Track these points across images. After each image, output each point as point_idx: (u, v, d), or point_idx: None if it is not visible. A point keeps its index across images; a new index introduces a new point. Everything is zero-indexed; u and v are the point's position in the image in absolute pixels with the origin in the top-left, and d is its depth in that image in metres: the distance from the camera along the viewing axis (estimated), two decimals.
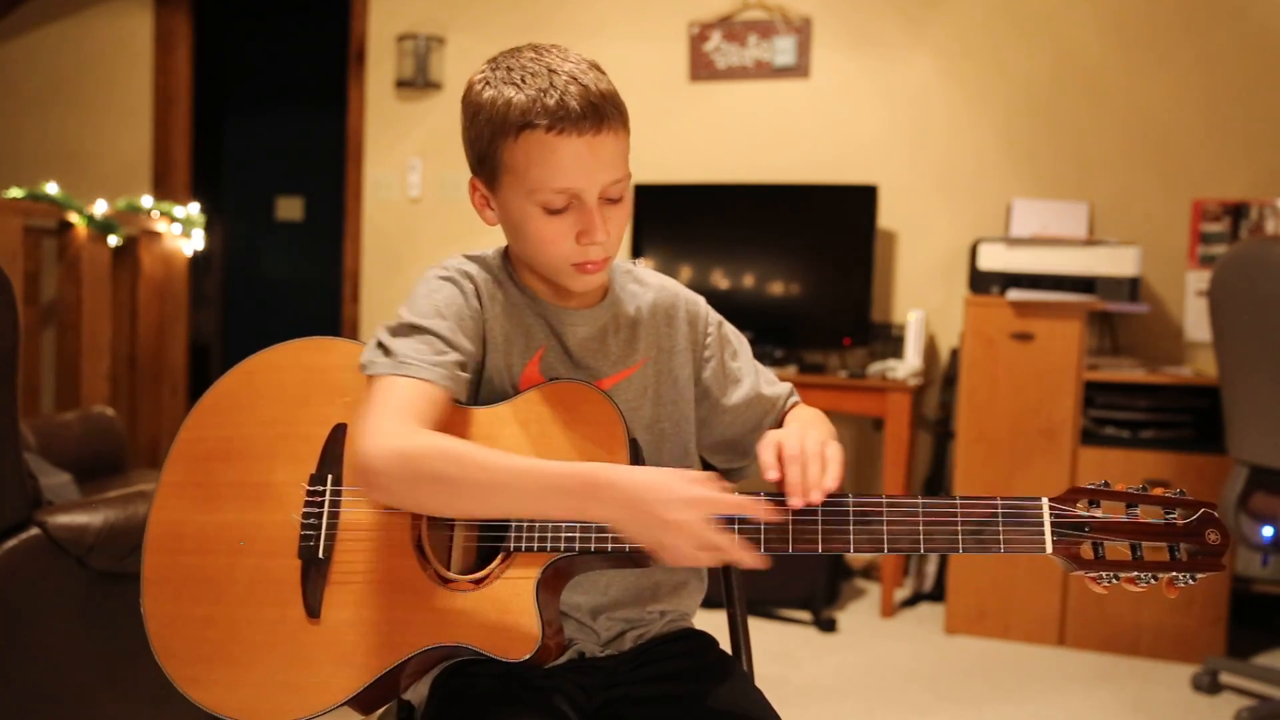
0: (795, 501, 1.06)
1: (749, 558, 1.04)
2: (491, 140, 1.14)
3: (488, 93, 1.14)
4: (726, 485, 1.05)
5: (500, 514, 1.08)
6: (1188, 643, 3.06)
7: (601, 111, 1.11)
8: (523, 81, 1.11)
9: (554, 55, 1.14)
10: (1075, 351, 3.15)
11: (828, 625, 3.27)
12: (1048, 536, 1.04)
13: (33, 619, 1.73)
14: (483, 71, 1.17)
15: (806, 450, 1.09)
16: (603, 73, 1.15)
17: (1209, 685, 2.83)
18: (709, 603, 1.33)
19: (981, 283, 3.31)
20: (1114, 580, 1.02)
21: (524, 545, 1.09)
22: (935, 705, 2.73)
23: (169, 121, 4.73)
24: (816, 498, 1.07)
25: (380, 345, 1.14)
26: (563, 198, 1.13)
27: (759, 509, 1.05)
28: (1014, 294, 3.20)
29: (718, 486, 1.03)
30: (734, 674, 1.25)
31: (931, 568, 3.57)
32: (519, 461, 1.06)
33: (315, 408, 1.17)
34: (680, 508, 1.01)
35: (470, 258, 1.24)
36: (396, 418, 1.07)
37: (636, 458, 1.13)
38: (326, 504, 1.14)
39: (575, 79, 1.11)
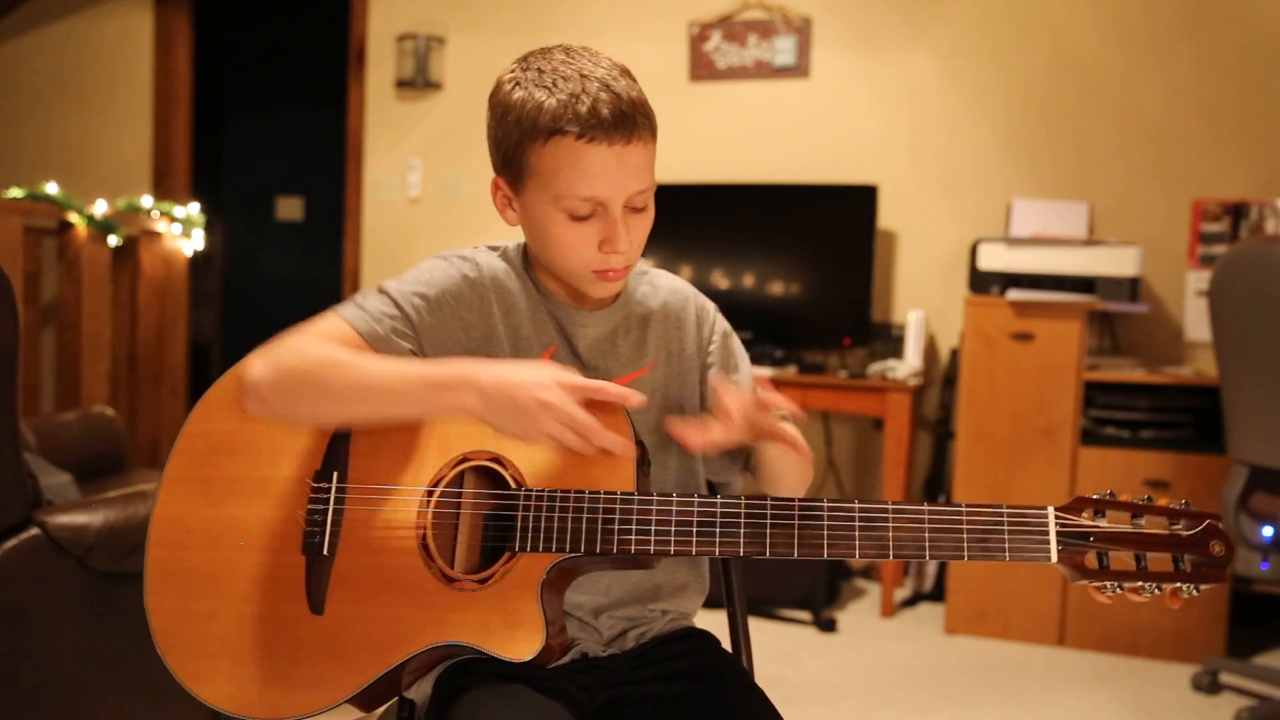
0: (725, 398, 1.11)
1: (613, 440, 1.06)
2: (519, 143, 1.13)
3: (517, 93, 1.13)
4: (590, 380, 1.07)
5: (374, 416, 1.10)
6: (1188, 643, 3.06)
7: (632, 121, 1.10)
8: (554, 85, 1.10)
9: (586, 59, 1.13)
10: (1075, 351, 3.15)
11: (828, 625, 3.27)
12: (1053, 546, 1.04)
13: (33, 619, 1.73)
14: (513, 70, 1.16)
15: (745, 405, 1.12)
16: (634, 79, 1.15)
17: (1209, 685, 2.83)
18: (709, 603, 1.33)
19: (981, 283, 3.31)
20: (1118, 590, 1.03)
21: (529, 545, 1.09)
22: (935, 705, 2.73)
23: (169, 121, 4.73)
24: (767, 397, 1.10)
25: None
26: (588, 205, 1.12)
27: (616, 391, 1.06)
28: (1014, 294, 3.20)
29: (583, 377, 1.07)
30: (735, 674, 1.25)
31: (931, 568, 3.57)
32: (394, 361, 1.10)
33: None
34: (545, 389, 1.03)
35: (492, 248, 1.25)
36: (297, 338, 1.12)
37: (643, 460, 1.13)
38: (331, 500, 1.14)
39: (608, 86, 1.10)
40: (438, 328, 1.18)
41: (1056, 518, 1.04)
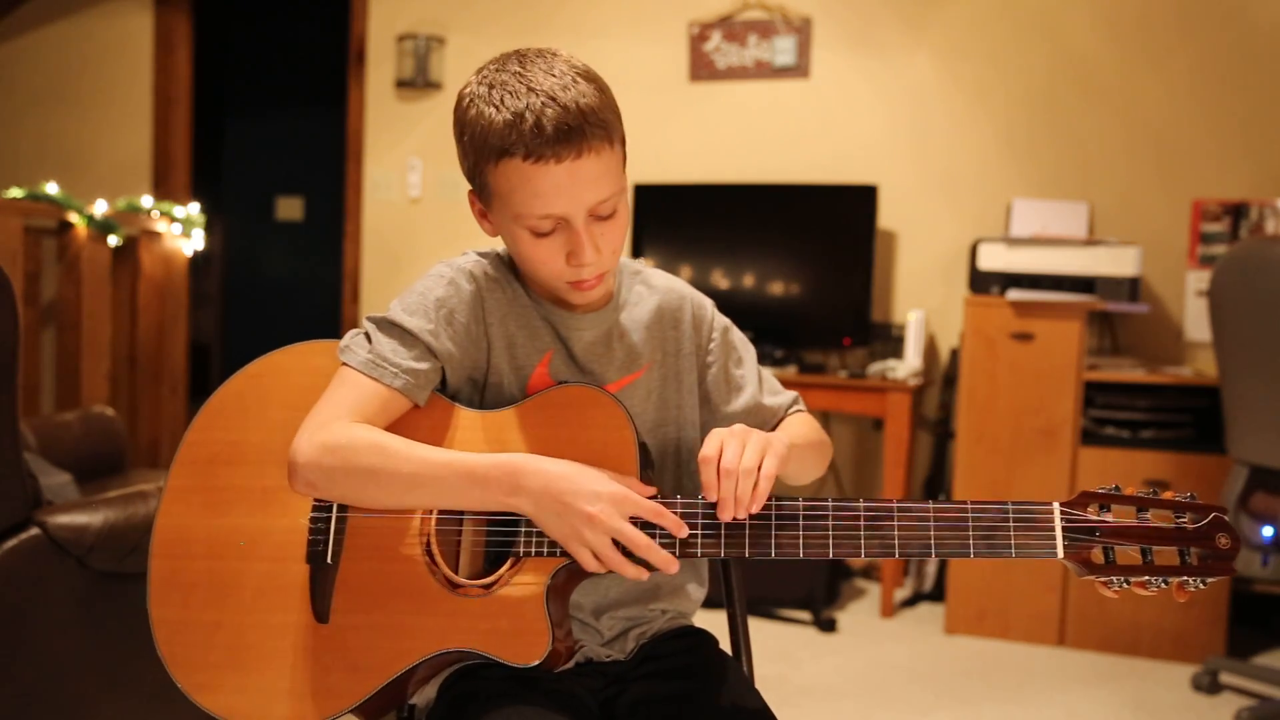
0: (725, 515, 1.06)
1: (662, 558, 1.04)
2: (477, 163, 1.12)
3: (472, 111, 1.11)
4: (643, 488, 1.07)
5: (421, 505, 1.10)
6: (1188, 643, 3.06)
7: (580, 133, 1.06)
8: (501, 102, 1.08)
9: (539, 69, 1.09)
10: (1075, 351, 3.15)
11: (828, 625, 3.27)
12: (1059, 541, 1.03)
13: (33, 619, 1.73)
14: (470, 85, 1.14)
15: (741, 466, 1.06)
16: (591, 81, 1.10)
17: (1209, 685, 2.83)
18: (709, 603, 1.33)
19: (981, 283, 3.30)
20: (1125, 584, 1.02)
21: (534, 550, 1.09)
22: (935, 705, 2.73)
23: (169, 121, 4.73)
24: (742, 514, 1.06)
25: (364, 335, 1.16)
26: (548, 222, 1.11)
27: (672, 521, 1.05)
28: (1014, 294, 3.20)
29: (635, 486, 1.06)
30: (732, 673, 1.25)
31: (931, 568, 3.57)
32: (442, 453, 1.09)
33: None
34: (596, 500, 1.03)
35: (483, 255, 1.24)
36: (341, 415, 1.10)
37: (646, 462, 1.13)
38: (335, 509, 1.13)
39: (554, 99, 1.06)
40: (453, 348, 1.17)
41: (1062, 513, 1.04)
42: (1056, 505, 1.04)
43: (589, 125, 1.07)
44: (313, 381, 1.18)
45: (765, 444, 1.09)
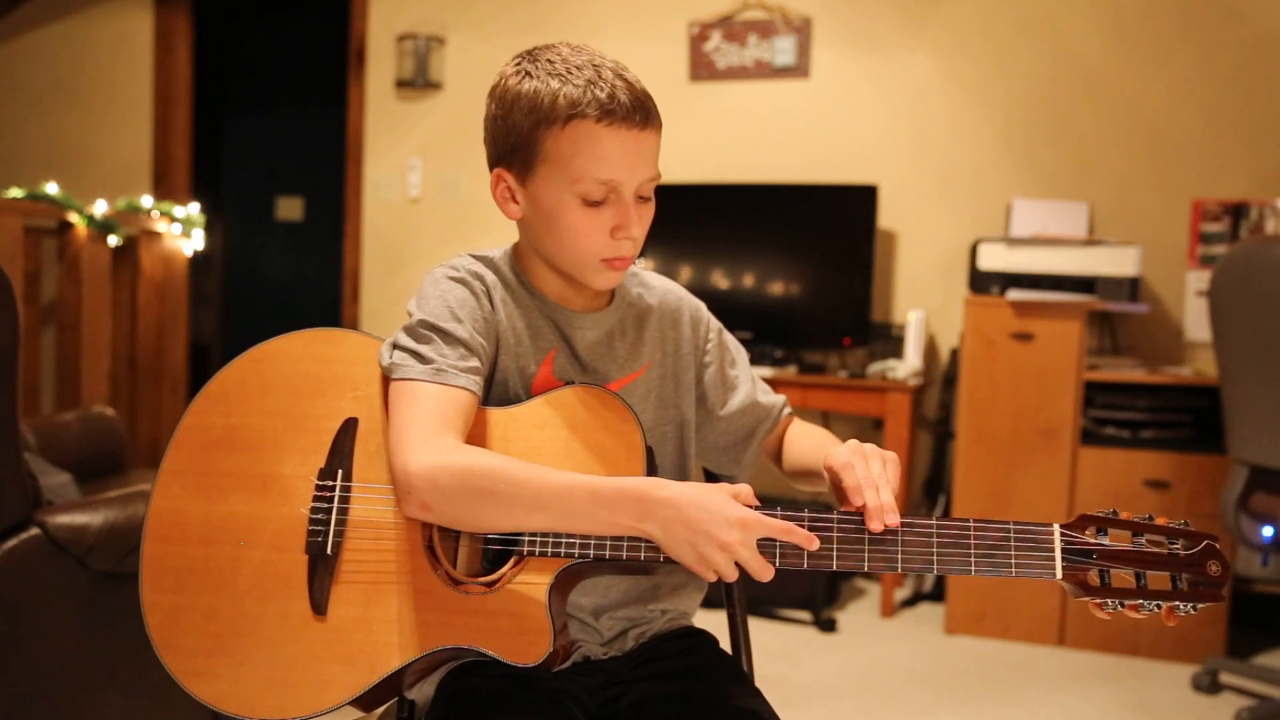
0: (875, 525, 1.06)
1: (769, 575, 1.05)
2: (533, 130, 1.13)
3: (528, 84, 1.14)
4: (750, 498, 1.06)
5: (542, 528, 1.07)
6: (1188, 643, 3.06)
7: (647, 108, 1.14)
8: (568, 73, 1.13)
9: (590, 52, 1.16)
10: (1075, 351, 3.15)
11: (828, 625, 3.27)
12: (1058, 563, 1.04)
13: (33, 619, 1.73)
14: (517, 64, 1.17)
15: (873, 475, 1.09)
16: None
17: (1209, 685, 2.83)
18: (709, 603, 1.33)
19: (981, 283, 3.31)
20: (1119, 607, 1.04)
21: (538, 550, 1.08)
22: (935, 705, 2.73)
23: (169, 121, 4.73)
24: (893, 520, 1.06)
25: (405, 349, 1.13)
26: (603, 190, 1.14)
27: (802, 536, 1.05)
28: (1014, 294, 3.20)
29: (746, 498, 1.05)
30: (733, 673, 1.25)
31: None
32: (563, 477, 1.06)
33: (326, 400, 1.15)
34: (731, 528, 1.02)
35: (477, 258, 1.24)
36: (437, 429, 1.07)
37: (652, 466, 1.13)
38: (336, 499, 1.12)
39: (621, 75, 1.14)
40: (486, 345, 1.17)
41: (1062, 535, 1.05)
42: (1056, 527, 1.05)
43: (651, 104, 1.15)
44: (316, 369, 1.17)
45: (882, 456, 1.12)
